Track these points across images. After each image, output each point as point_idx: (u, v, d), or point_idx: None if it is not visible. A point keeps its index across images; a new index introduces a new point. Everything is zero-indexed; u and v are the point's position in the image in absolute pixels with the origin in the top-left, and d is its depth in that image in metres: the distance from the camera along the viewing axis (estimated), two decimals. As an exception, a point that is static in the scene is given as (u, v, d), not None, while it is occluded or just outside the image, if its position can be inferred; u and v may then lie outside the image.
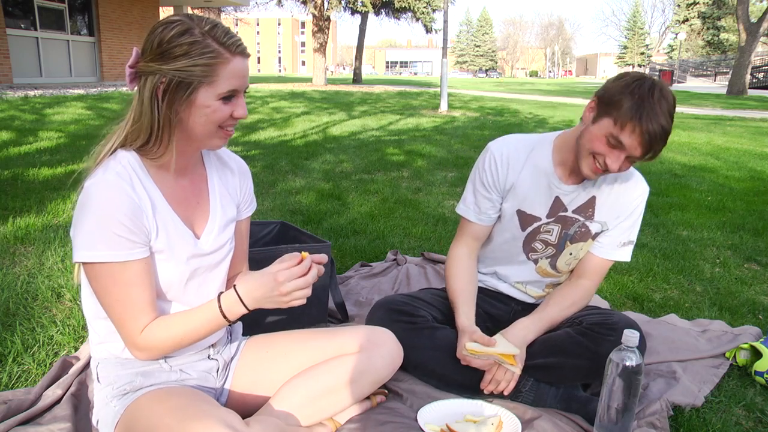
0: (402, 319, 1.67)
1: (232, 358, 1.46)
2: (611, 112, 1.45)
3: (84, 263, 1.14)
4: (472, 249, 1.81)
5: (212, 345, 1.38)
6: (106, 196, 1.11)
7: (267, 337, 1.50)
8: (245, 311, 1.18)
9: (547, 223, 1.71)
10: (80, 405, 1.54)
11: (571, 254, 1.73)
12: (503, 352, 1.54)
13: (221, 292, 1.19)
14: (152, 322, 1.17)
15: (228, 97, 1.16)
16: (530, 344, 1.64)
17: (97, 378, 1.29)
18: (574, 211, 1.68)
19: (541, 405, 1.59)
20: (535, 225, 1.71)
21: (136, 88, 1.16)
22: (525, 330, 1.64)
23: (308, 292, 1.16)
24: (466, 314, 1.67)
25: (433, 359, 1.64)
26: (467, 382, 1.62)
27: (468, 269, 1.78)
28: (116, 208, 1.10)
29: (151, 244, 1.18)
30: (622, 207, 1.67)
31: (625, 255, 1.72)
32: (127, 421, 1.19)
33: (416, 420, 1.50)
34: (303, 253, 1.18)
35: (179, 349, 1.22)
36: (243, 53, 1.16)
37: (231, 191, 1.38)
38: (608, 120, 1.46)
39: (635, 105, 1.41)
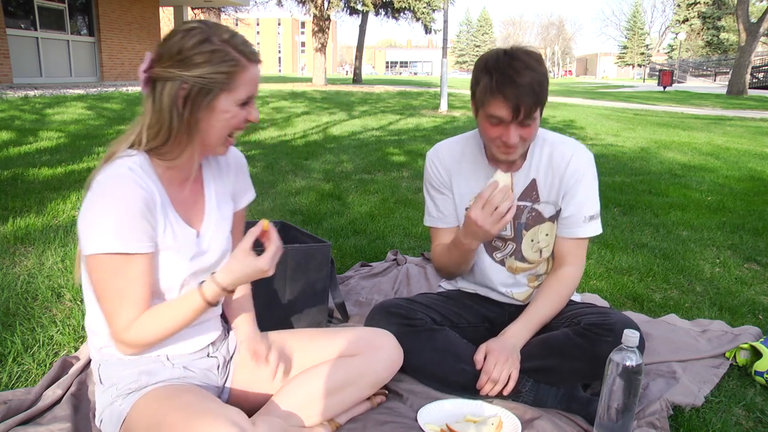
0: (401, 322, 1.67)
1: (231, 356, 1.46)
2: (476, 98, 1.54)
3: (90, 257, 1.14)
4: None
5: (212, 343, 1.39)
6: (120, 188, 1.12)
7: (266, 336, 1.50)
8: (228, 294, 1.22)
9: None
10: (80, 405, 1.54)
11: (532, 240, 1.73)
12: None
13: (202, 281, 1.20)
14: (138, 318, 1.18)
15: (244, 103, 1.20)
16: (528, 345, 1.64)
17: (99, 380, 1.29)
18: (519, 198, 1.69)
19: (541, 405, 1.59)
20: None
21: (147, 91, 1.18)
22: (515, 338, 1.63)
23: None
24: None
25: (432, 362, 1.64)
26: (468, 383, 1.61)
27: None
28: (129, 200, 1.12)
29: (157, 240, 1.19)
30: (564, 182, 1.67)
31: (595, 229, 1.70)
32: (134, 418, 1.20)
33: (416, 420, 1.50)
34: (263, 222, 1.23)
35: (162, 341, 1.24)
36: (258, 61, 1.21)
37: (226, 184, 1.40)
38: (480, 108, 1.53)
39: (488, 80, 1.48)
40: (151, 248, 1.17)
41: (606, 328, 1.56)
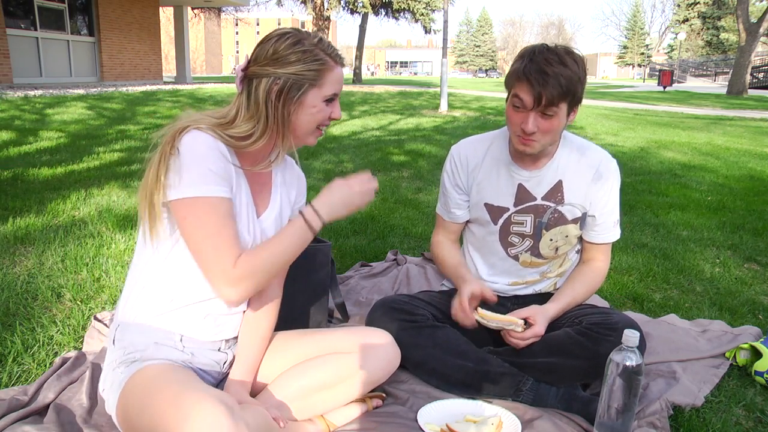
0: (402, 317, 1.68)
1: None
2: (507, 82, 1.59)
3: (180, 201, 1.21)
4: (450, 238, 1.90)
5: (226, 340, 1.41)
6: (206, 142, 1.23)
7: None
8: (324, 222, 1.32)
9: (517, 213, 1.74)
10: (72, 405, 1.54)
11: (551, 240, 1.75)
12: (509, 319, 1.62)
13: (300, 211, 1.32)
14: (242, 254, 1.24)
15: (329, 100, 1.33)
16: (530, 345, 1.65)
17: (113, 340, 1.33)
18: (543, 198, 1.71)
19: (542, 405, 1.59)
20: (505, 216, 1.75)
21: (242, 89, 1.30)
22: (544, 307, 1.68)
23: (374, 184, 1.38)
24: (468, 273, 1.78)
25: (433, 358, 1.64)
26: (468, 380, 1.62)
27: (453, 249, 1.88)
28: (214, 152, 1.24)
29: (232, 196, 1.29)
30: (593, 187, 1.70)
31: (619, 232, 1.80)
32: (129, 389, 1.22)
33: (416, 420, 1.50)
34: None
35: (271, 278, 1.29)
36: (343, 63, 1.36)
37: (290, 192, 1.49)
38: (509, 91, 1.59)
39: (519, 64, 1.53)
40: (231, 195, 1.27)
41: (608, 327, 1.57)
